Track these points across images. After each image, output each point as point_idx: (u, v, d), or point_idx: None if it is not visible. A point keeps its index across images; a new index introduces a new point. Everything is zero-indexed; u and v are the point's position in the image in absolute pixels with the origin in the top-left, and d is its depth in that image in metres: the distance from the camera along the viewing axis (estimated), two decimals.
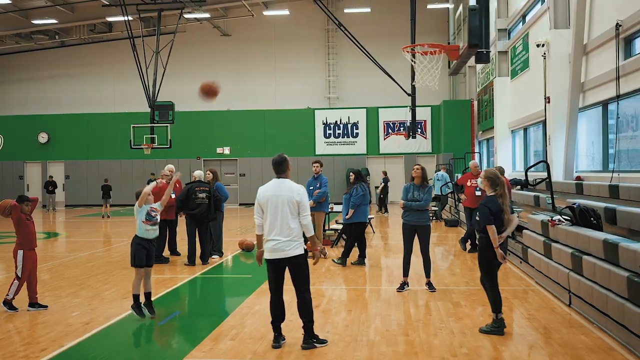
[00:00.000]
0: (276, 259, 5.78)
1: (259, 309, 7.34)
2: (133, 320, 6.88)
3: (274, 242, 5.73)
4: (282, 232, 5.70)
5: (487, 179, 6.45)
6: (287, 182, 5.88)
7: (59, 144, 29.90)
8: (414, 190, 8.18)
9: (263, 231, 5.88)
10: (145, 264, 7.01)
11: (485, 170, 6.66)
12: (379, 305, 7.49)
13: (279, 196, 5.76)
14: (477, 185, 11.84)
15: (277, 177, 5.95)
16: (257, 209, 5.90)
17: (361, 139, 28.67)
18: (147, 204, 7.23)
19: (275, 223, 5.73)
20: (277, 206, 5.74)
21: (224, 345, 5.91)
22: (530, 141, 18.48)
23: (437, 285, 8.43)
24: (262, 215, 5.87)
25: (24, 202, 7.69)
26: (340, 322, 6.66)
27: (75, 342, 6.07)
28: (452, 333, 6.20)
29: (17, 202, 7.63)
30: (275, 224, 5.74)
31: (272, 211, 5.76)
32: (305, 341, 5.81)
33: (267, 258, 5.84)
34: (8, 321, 6.97)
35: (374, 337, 6.11)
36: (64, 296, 8.31)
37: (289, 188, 5.81)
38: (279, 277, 5.86)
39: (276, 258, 5.76)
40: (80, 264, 11.21)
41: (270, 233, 5.76)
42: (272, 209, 5.76)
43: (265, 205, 5.83)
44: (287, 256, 5.72)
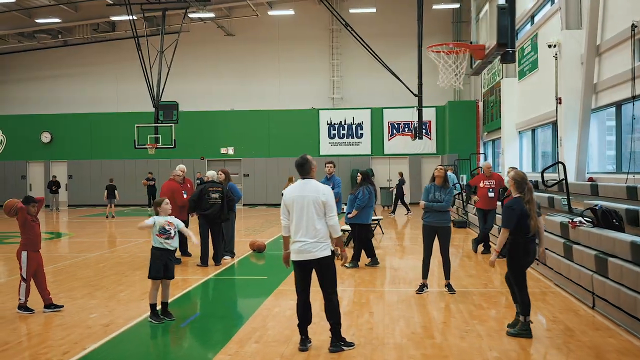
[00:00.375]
0: (303, 261, 5.70)
1: (279, 311, 7.26)
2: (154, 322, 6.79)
3: (300, 244, 5.66)
4: (308, 233, 5.63)
5: (513, 180, 6.40)
6: (312, 183, 5.81)
7: (62, 144, 29.78)
8: (435, 191, 8.12)
9: (289, 232, 5.80)
10: (162, 276, 6.88)
11: (514, 171, 6.60)
12: (400, 307, 7.41)
13: (304, 197, 5.69)
14: (490, 187, 11.81)
15: (302, 178, 5.87)
16: (283, 210, 5.84)
17: (366, 139, 28.59)
18: (162, 215, 7.01)
19: (301, 224, 5.66)
20: (303, 207, 5.67)
21: (249, 348, 5.82)
22: (538, 142, 18.44)
23: (455, 287, 8.35)
24: (288, 217, 5.81)
25: (30, 204, 7.55)
26: (364, 325, 6.59)
27: (98, 345, 5.98)
28: (479, 336, 6.13)
29: (23, 204, 7.47)
30: (301, 225, 5.66)
31: (298, 212, 5.68)
32: (332, 344, 5.73)
33: (293, 259, 5.77)
34: (26, 324, 6.88)
35: (401, 340, 6.04)
36: (79, 297, 8.22)
37: (314, 188, 5.74)
38: (306, 279, 5.78)
39: (303, 259, 5.68)
40: (91, 264, 11.12)
41: (297, 234, 5.69)
42: (298, 209, 5.69)
43: (290, 206, 5.76)
44: (314, 258, 5.64)
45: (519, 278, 6.26)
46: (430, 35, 22.52)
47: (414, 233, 16.52)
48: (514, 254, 6.27)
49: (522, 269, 6.28)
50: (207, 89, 29.94)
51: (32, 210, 7.55)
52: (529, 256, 6.34)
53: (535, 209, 6.30)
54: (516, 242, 6.24)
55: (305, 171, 5.85)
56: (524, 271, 6.30)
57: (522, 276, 6.27)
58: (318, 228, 5.63)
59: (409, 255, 12.40)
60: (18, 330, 6.64)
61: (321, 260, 5.66)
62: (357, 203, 10.59)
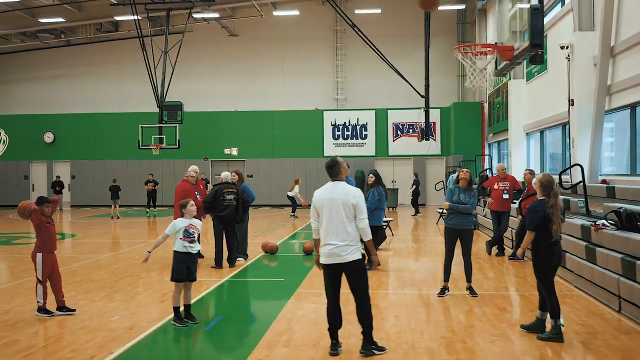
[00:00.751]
0: (332, 264, 5.62)
1: (302, 314, 7.20)
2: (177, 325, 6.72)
3: (330, 247, 5.58)
4: (338, 236, 5.55)
5: (540, 182, 6.38)
6: (341, 185, 5.74)
7: (65, 144, 29.66)
8: (460, 193, 8.07)
9: (319, 235, 5.74)
10: (185, 278, 6.80)
11: (542, 174, 6.57)
12: (424, 310, 7.35)
13: (333, 199, 5.62)
14: (504, 188, 11.76)
15: (331, 181, 5.80)
16: (312, 213, 5.79)
17: (370, 140, 28.54)
18: (187, 218, 6.94)
19: (331, 227, 5.59)
20: (332, 210, 5.60)
21: (279, 352, 5.75)
22: (546, 144, 18.40)
23: (476, 290, 8.29)
24: (317, 219, 5.74)
25: (44, 204, 7.42)
26: (391, 329, 6.52)
27: (125, 348, 5.90)
28: (510, 340, 6.07)
29: (36, 205, 7.37)
30: (330, 228, 5.59)
31: (327, 215, 5.61)
32: (364, 347, 5.66)
33: (323, 263, 5.69)
34: (47, 327, 6.80)
35: (431, 344, 5.97)
36: (97, 300, 8.14)
37: (344, 191, 5.67)
38: (336, 282, 5.70)
39: (332, 263, 5.60)
40: (104, 266, 11.03)
41: (326, 237, 5.61)
42: (327, 212, 5.62)
43: (320, 209, 5.70)
44: (344, 261, 5.55)
45: (545, 281, 6.23)
46: (434, 36, 22.49)
47: (424, 235, 16.46)
48: (536, 258, 6.27)
49: (547, 272, 6.23)
50: (211, 90, 29.86)
51: (46, 211, 7.43)
52: (552, 260, 6.30)
53: (559, 214, 6.27)
54: (538, 246, 6.24)
55: (335, 173, 5.79)
56: (550, 275, 6.25)
57: (549, 279, 6.23)
58: (348, 231, 5.55)
59: (423, 257, 12.35)
60: (40, 333, 6.55)
61: (352, 264, 5.58)
62: (367, 205, 10.51)
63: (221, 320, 7.08)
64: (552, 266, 6.29)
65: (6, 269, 10.78)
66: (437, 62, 24.42)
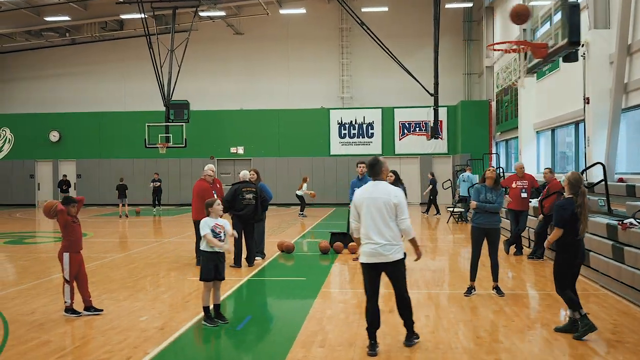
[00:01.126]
0: (374, 263, 5.60)
1: (332, 314, 7.15)
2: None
3: (372, 246, 5.57)
4: (381, 236, 5.55)
5: (568, 180, 6.37)
6: (383, 184, 5.74)
7: (71, 143, 29.58)
8: (487, 192, 8.03)
9: (359, 234, 5.73)
10: (213, 277, 6.75)
11: (571, 172, 6.55)
12: (453, 310, 7.30)
13: (375, 199, 5.60)
14: (522, 187, 11.71)
15: (372, 180, 5.77)
16: (353, 212, 5.79)
17: (376, 139, 28.50)
18: (213, 217, 6.87)
19: (373, 226, 5.58)
20: (374, 209, 5.59)
21: (316, 352, 5.70)
22: (557, 142, 18.36)
23: (485, 290, 8.26)
24: (358, 219, 5.71)
25: (70, 204, 7.40)
26: (423, 328, 6.46)
27: (160, 349, 5.85)
28: (547, 340, 6.03)
29: (63, 205, 7.32)
30: (372, 227, 5.58)
31: (369, 214, 5.60)
32: (407, 338, 5.83)
33: (363, 262, 5.67)
34: (77, 327, 6.74)
35: (467, 344, 5.93)
36: (122, 299, 8.09)
37: (385, 190, 5.66)
38: (376, 282, 5.70)
39: (376, 262, 5.59)
40: (121, 265, 10.97)
41: (368, 236, 5.61)
42: (369, 212, 5.60)
43: (360, 208, 5.69)
44: (387, 261, 5.57)
45: (559, 276, 6.29)
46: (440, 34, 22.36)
47: (435, 233, 16.41)
48: (561, 255, 6.30)
49: (568, 268, 6.27)
50: (216, 88, 29.79)
51: (72, 211, 7.40)
52: (577, 257, 6.33)
53: (586, 214, 6.26)
54: (566, 243, 6.25)
55: (376, 172, 5.78)
56: (570, 272, 6.27)
57: (565, 275, 6.27)
58: (390, 230, 5.56)
59: (439, 256, 12.31)
60: (70, 334, 6.50)
61: (394, 264, 5.60)
62: None
63: (251, 320, 7.03)
64: (576, 263, 6.32)
65: (23, 269, 10.70)
66: (443, 61, 24.27)
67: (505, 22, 23.97)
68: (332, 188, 28.04)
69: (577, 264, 6.38)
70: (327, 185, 27.82)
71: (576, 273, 6.42)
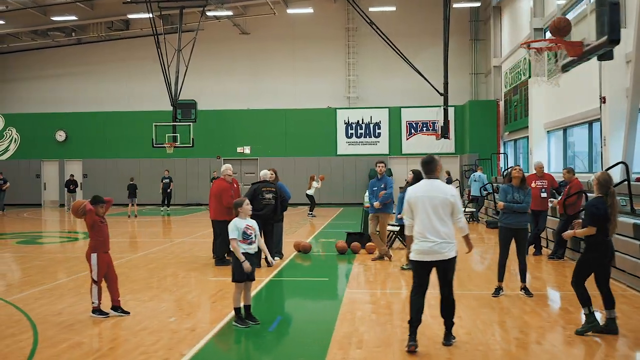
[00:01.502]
0: (428, 261, 5.64)
1: (362, 315, 7.08)
2: None
3: (429, 244, 5.59)
4: (437, 234, 5.59)
5: (597, 180, 6.36)
6: (437, 183, 5.77)
7: (77, 142, 29.49)
8: (514, 192, 7.98)
9: (412, 232, 5.75)
10: (245, 278, 6.69)
11: (600, 173, 6.53)
12: (484, 311, 7.24)
13: (432, 197, 5.64)
14: (542, 187, 11.64)
15: (426, 178, 5.79)
16: (407, 210, 5.80)
17: (383, 139, 28.45)
18: (242, 218, 6.79)
19: (429, 224, 5.61)
20: (431, 207, 5.62)
21: (355, 354, 5.64)
22: (568, 142, 18.31)
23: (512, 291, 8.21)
24: (412, 216, 5.73)
25: (99, 204, 7.35)
26: (458, 329, 6.35)
27: (195, 350, 5.78)
28: (585, 341, 5.97)
29: (91, 205, 7.27)
30: (428, 225, 5.61)
31: (425, 212, 5.63)
32: (447, 338, 5.84)
33: (417, 260, 5.70)
34: (107, 328, 6.67)
35: (506, 345, 5.87)
36: (147, 300, 8.02)
37: (441, 189, 5.71)
38: (427, 279, 5.75)
39: (430, 260, 5.62)
40: (139, 265, 10.90)
41: (424, 234, 5.62)
42: (424, 209, 5.63)
43: (415, 206, 5.70)
44: (443, 258, 5.60)
45: (581, 272, 6.27)
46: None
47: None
48: (592, 253, 6.27)
49: (592, 267, 6.26)
50: (222, 88, 29.73)
51: (100, 211, 7.34)
52: (606, 257, 6.29)
53: (616, 214, 6.23)
54: (597, 242, 6.24)
55: (431, 170, 5.80)
56: (594, 270, 6.25)
57: (586, 273, 6.27)
58: (446, 228, 5.61)
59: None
60: (102, 335, 6.43)
61: (448, 261, 5.65)
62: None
63: (281, 321, 6.96)
64: (606, 262, 6.31)
65: (41, 269, 10.63)
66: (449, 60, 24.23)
67: (513, 22, 23.93)
68: (339, 188, 27.99)
69: (607, 263, 6.35)
70: (334, 185, 27.75)
71: (608, 272, 6.38)
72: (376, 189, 11.16)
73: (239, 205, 6.87)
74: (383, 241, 11.23)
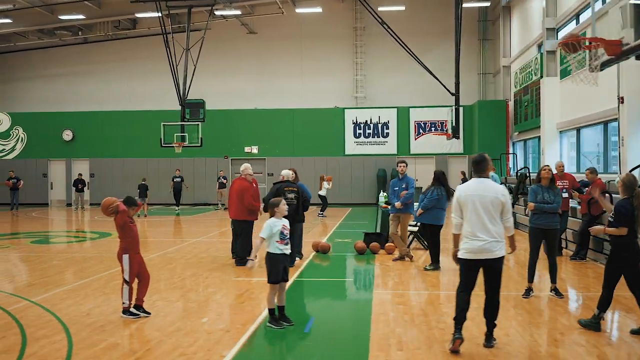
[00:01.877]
0: (478, 260, 5.62)
1: (395, 316, 7.02)
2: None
3: (480, 243, 5.57)
4: (488, 233, 5.58)
5: (622, 182, 6.42)
6: (488, 182, 5.75)
7: (84, 142, 29.40)
8: (544, 192, 7.92)
9: (460, 230, 5.74)
10: (281, 279, 6.63)
11: (625, 174, 6.55)
12: (519, 312, 7.18)
13: (484, 196, 5.62)
14: (563, 187, 11.56)
15: (477, 177, 5.78)
16: (456, 209, 5.76)
17: (392, 139, 28.39)
18: (278, 218, 6.73)
19: (480, 223, 5.59)
20: (482, 206, 5.61)
21: (396, 356, 5.57)
22: (582, 142, 18.25)
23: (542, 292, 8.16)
24: (461, 215, 5.71)
25: (132, 207, 7.33)
26: (496, 331, 6.30)
27: (235, 352, 5.72)
28: (627, 343, 5.92)
29: (125, 205, 7.23)
30: (479, 224, 5.59)
31: (476, 211, 5.61)
32: (488, 340, 5.80)
33: (466, 258, 5.67)
34: (140, 329, 6.60)
35: (549, 348, 5.81)
36: (175, 300, 7.96)
37: (492, 188, 5.69)
38: (475, 278, 5.75)
39: (480, 259, 5.60)
40: (159, 265, 10.83)
41: (475, 233, 5.60)
42: (475, 208, 5.61)
43: (464, 205, 5.68)
44: (494, 257, 5.59)
45: (610, 274, 6.29)
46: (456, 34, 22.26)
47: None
48: (623, 253, 6.24)
49: (622, 269, 6.23)
50: (229, 87, 29.67)
51: (131, 213, 7.32)
52: (636, 258, 6.24)
53: None
54: (628, 242, 6.23)
55: (482, 169, 5.79)
56: (625, 272, 6.22)
57: (615, 274, 6.27)
58: (496, 227, 5.60)
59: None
60: (136, 336, 6.36)
61: (498, 260, 5.64)
62: (424, 203, 10.42)
63: (315, 322, 6.89)
64: (636, 263, 6.25)
65: (61, 270, 10.56)
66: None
67: (524, 22, 23.88)
68: (347, 188, 27.94)
69: (636, 263, 6.30)
70: (343, 185, 27.70)
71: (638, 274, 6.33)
72: (397, 189, 11.09)
73: (276, 205, 6.81)
74: (404, 241, 11.17)
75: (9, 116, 29.90)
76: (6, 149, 29.83)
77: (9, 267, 11.08)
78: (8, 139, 29.86)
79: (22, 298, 8.13)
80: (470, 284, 5.72)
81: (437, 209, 10.43)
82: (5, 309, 7.44)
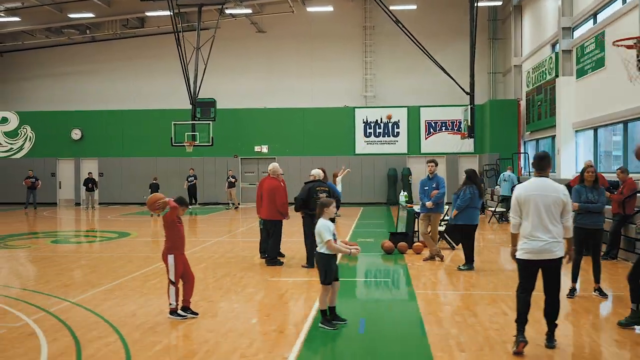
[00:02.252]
0: (537, 260, 5.57)
1: (444, 317, 6.98)
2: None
3: (540, 243, 5.53)
4: (549, 233, 5.54)
5: None
6: (549, 181, 5.71)
7: (93, 141, 29.27)
8: (587, 192, 7.90)
9: (518, 230, 5.70)
10: (333, 279, 6.60)
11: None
12: (569, 312, 7.14)
13: (545, 196, 5.58)
14: None
15: (537, 175, 5.75)
16: (515, 208, 5.71)
17: (402, 138, 28.34)
18: (325, 218, 6.69)
19: (541, 223, 5.55)
20: (544, 205, 5.57)
21: (461, 357, 5.53)
22: (599, 142, 18.24)
23: (584, 292, 8.13)
24: (519, 214, 5.67)
25: (182, 206, 7.30)
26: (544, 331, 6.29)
27: (296, 353, 5.67)
28: None
29: (177, 204, 7.19)
30: (541, 223, 5.55)
31: (537, 210, 5.56)
32: (549, 340, 5.75)
33: (525, 259, 5.62)
34: (192, 330, 6.54)
35: (610, 348, 5.78)
36: (217, 301, 7.91)
37: (554, 188, 5.65)
38: (534, 278, 5.69)
39: (540, 259, 5.56)
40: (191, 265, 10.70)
41: (535, 233, 5.56)
42: (536, 207, 5.57)
43: (525, 204, 5.63)
44: (554, 257, 5.55)
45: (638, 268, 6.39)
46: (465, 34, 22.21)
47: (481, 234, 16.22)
48: None
49: None
50: (239, 86, 29.56)
51: (181, 212, 7.29)
52: None
53: None
54: None
55: (543, 167, 5.76)
56: None
57: None
58: (557, 227, 5.57)
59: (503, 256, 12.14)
60: (190, 337, 6.30)
61: (558, 260, 5.60)
62: (458, 203, 10.38)
63: (367, 322, 6.84)
64: None
65: (91, 270, 10.48)
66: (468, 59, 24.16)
67: (536, 21, 23.85)
68: (357, 187, 27.87)
69: None
70: (353, 184, 27.61)
71: None
72: (427, 189, 11.06)
73: (326, 206, 6.77)
74: (434, 241, 11.14)
75: (16, 115, 29.76)
76: (14, 148, 29.69)
77: (38, 268, 10.98)
78: (16, 138, 29.72)
79: (61, 299, 8.06)
80: (530, 285, 5.67)
81: (471, 208, 10.38)
82: (48, 311, 7.38)
